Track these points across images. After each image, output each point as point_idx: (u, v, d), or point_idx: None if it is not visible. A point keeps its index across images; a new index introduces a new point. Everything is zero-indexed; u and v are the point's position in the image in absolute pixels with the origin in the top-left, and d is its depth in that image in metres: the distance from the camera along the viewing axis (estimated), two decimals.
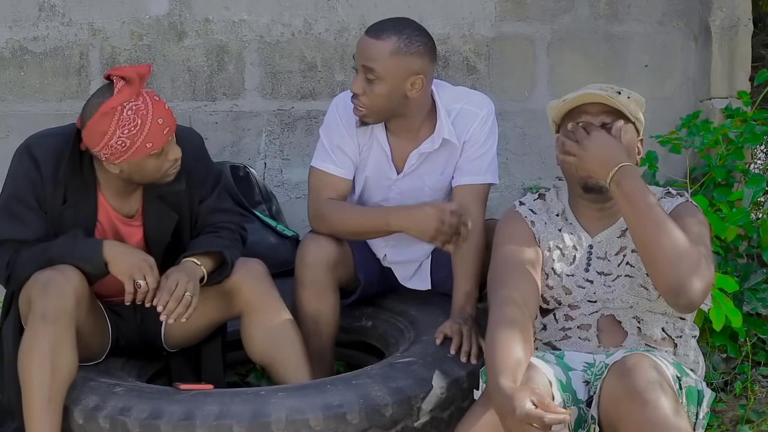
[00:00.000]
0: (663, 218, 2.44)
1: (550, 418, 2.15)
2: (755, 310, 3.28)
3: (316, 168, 3.07)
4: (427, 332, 2.89)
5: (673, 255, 2.39)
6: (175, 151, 2.77)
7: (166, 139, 2.72)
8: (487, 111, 3.05)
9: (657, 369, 2.28)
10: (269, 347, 2.86)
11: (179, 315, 2.72)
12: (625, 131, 2.59)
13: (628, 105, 2.58)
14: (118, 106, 2.65)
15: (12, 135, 3.72)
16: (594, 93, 2.57)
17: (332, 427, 2.52)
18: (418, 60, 2.90)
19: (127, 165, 2.72)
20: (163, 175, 2.78)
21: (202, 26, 3.74)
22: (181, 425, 2.52)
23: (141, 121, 2.67)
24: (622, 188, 2.46)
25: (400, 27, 2.92)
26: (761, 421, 3.07)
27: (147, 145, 2.69)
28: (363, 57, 2.90)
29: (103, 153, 2.70)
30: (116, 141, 2.66)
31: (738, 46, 3.70)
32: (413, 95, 2.93)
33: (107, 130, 2.66)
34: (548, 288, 2.62)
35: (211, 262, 2.86)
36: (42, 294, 2.63)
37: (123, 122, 2.66)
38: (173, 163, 2.78)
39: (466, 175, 3.03)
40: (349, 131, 3.04)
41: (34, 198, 2.77)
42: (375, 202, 3.12)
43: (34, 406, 2.59)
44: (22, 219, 2.76)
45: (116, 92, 2.67)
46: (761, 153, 3.97)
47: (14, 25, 3.71)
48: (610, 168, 2.47)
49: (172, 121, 2.75)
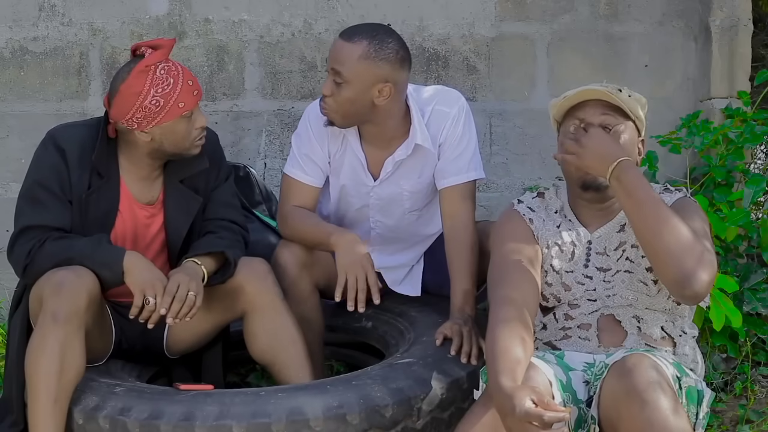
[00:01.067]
0: (665, 211, 2.44)
1: (550, 416, 2.15)
2: (755, 310, 3.27)
3: (287, 174, 3.11)
4: (427, 333, 2.89)
5: (677, 247, 2.40)
6: (201, 118, 2.83)
7: (196, 100, 2.79)
8: (458, 108, 3.03)
9: (657, 369, 2.28)
10: (271, 346, 2.86)
11: (183, 315, 2.73)
12: (625, 129, 2.59)
13: (629, 103, 2.58)
14: (152, 65, 2.73)
15: (12, 135, 3.73)
16: (594, 89, 2.57)
17: (332, 427, 2.52)
18: (387, 67, 2.88)
19: (158, 130, 2.77)
20: (191, 143, 2.83)
21: (202, 26, 3.74)
22: (181, 426, 2.52)
23: (173, 81, 2.74)
24: (622, 183, 2.46)
25: (373, 32, 2.90)
26: (761, 421, 3.07)
27: (179, 104, 2.75)
28: (332, 59, 2.91)
29: (135, 118, 2.75)
30: (150, 101, 2.72)
31: (738, 46, 3.70)
32: (380, 102, 2.91)
33: (141, 89, 2.72)
34: (547, 285, 2.62)
35: (212, 263, 2.86)
36: (55, 294, 2.63)
37: (156, 81, 2.73)
38: (200, 131, 2.83)
39: (449, 176, 3.03)
40: (318, 140, 3.05)
41: (59, 185, 2.79)
42: (355, 209, 3.13)
43: (39, 406, 2.60)
44: (46, 205, 2.78)
45: (148, 56, 2.75)
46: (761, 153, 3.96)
47: (14, 25, 3.71)
48: (609, 163, 2.48)
49: (199, 87, 2.83)
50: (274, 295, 2.88)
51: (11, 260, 2.82)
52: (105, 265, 2.72)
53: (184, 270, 2.80)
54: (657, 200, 2.46)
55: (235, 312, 2.92)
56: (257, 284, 2.87)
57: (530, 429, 2.17)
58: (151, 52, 2.76)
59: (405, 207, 3.11)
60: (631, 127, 2.60)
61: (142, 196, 2.89)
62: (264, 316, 2.86)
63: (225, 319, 2.96)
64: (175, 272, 2.79)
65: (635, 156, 2.61)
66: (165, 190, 2.91)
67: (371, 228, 3.14)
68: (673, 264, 2.41)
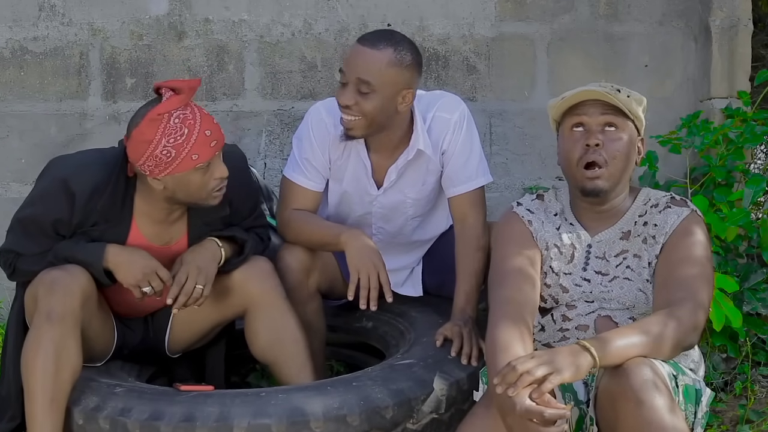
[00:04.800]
0: (649, 344, 2.32)
1: (550, 413, 2.15)
2: (755, 310, 3.27)
3: (287, 178, 3.06)
4: (427, 334, 2.90)
5: (677, 348, 2.38)
6: (221, 169, 2.70)
7: (212, 152, 2.65)
8: (459, 114, 3.00)
9: (652, 368, 2.28)
10: (273, 345, 2.86)
11: (190, 305, 2.74)
12: (625, 129, 2.58)
13: (628, 103, 2.57)
14: (165, 114, 2.60)
15: (12, 135, 3.73)
16: (593, 89, 2.56)
17: (332, 428, 2.52)
18: (410, 73, 2.87)
19: (171, 180, 2.66)
20: (208, 194, 2.71)
21: (202, 26, 3.73)
22: (181, 426, 2.52)
23: (188, 131, 2.61)
24: (607, 363, 2.30)
25: (394, 39, 2.87)
26: (761, 421, 3.07)
27: (193, 156, 2.62)
28: (355, 68, 2.84)
29: (147, 165, 2.63)
30: (161, 150, 2.60)
31: (738, 46, 3.70)
32: (402, 109, 2.90)
33: (152, 138, 2.60)
34: (546, 286, 2.62)
35: (230, 250, 2.86)
36: (48, 293, 2.63)
37: (169, 131, 2.60)
38: (219, 182, 2.70)
39: (458, 184, 3.02)
40: (320, 145, 3.01)
41: (54, 229, 2.73)
42: (357, 215, 3.12)
43: (36, 405, 2.59)
44: (35, 239, 2.74)
45: (164, 100, 2.62)
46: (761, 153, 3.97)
47: (14, 25, 3.71)
48: (586, 370, 2.29)
49: (221, 136, 2.68)
50: (277, 294, 2.87)
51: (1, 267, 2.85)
52: (87, 264, 2.70)
53: (202, 251, 2.79)
54: (639, 344, 2.31)
55: (238, 309, 2.91)
56: (260, 282, 2.86)
57: (531, 427, 2.17)
58: (171, 95, 2.62)
59: (408, 214, 3.10)
60: (631, 127, 2.60)
61: (156, 237, 2.82)
62: (266, 314, 2.85)
63: (227, 316, 2.95)
64: (189, 257, 2.77)
65: (634, 156, 2.61)
66: (189, 232, 2.84)
67: (373, 234, 3.13)
68: (679, 351, 2.42)
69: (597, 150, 2.54)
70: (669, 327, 2.34)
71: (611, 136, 2.56)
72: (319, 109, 3.03)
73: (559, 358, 2.22)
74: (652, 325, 2.34)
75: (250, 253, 2.88)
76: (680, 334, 2.36)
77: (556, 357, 2.22)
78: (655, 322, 2.35)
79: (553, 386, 2.18)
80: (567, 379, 2.21)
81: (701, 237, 2.54)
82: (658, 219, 2.58)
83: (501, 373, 2.20)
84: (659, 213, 2.59)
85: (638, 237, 2.59)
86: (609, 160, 2.54)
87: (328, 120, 2.99)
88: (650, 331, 2.33)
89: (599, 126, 2.56)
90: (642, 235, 2.59)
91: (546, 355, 2.22)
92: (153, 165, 2.63)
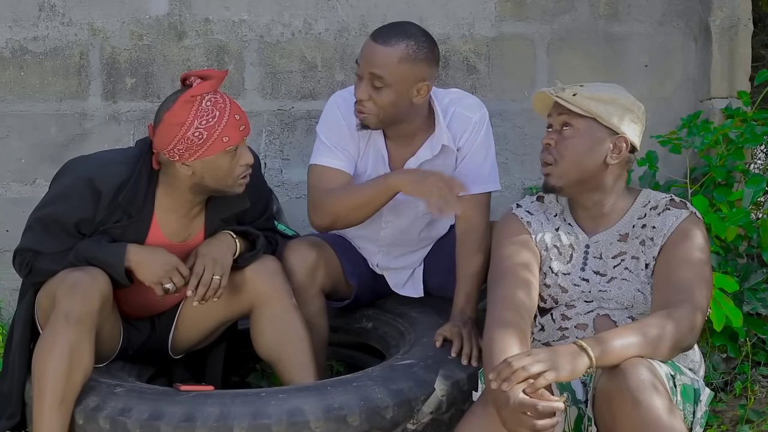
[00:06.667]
0: (646, 345, 2.33)
1: (544, 405, 2.16)
2: (755, 310, 3.28)
3: (316, 164, 3.02)
4: (427, 334, 2.90)
5: (675, 350, 2.39)
6: (247, 156, 2.74)
7: (242, 135, 2.70)
8: (480, 115, 3.02)
9: (649, 368, 2.28)
10: (278, 343, 2.85)
11: (209, 297, 2.75)
12: (578, 128, 2.57)
13: (579, 102, 2.56)
14: (198, 96, 2.65)
15: (12, 135, 3.73)
16: (540, 92, 2.62)
17: (333, 428, 2.52)
18: (425, 65, 2.87)
19: (200, 164, 2.69)
20: (234, 180, 2.74)
21: (202, 26, 3.73)
22: (181, 426, 2.52)
23: (219, 113, 2.65)
24: (605, 363, 2.30)
25: (408, 33, 2.87)
26: (761, 421, 3.08)
27: (224, 138, 2.66)
28: (368, 63, 2.85)
29: (177, 150, 2.66)
30: (193, 132, 2.64)
31: (738, 46, 3.70)
32: (418, 101, 2.91)
33: (185, 120, 2.63)
34: (545, 287, 2.63)
35: (244, 245, 2.87)
36: (68, 294, 2.62)
37: (202, 112, 2.64)
38: (245, 168, 2.74)
39: (468, 184, 2.97)
40: (350, 129, 3.00)
41: (76, 228, 2.74)
42: None
43: (45, 405, 2.59)
44: (56, 237, 2.74)
45: (195, 86, 2.66)
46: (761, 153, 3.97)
47: (14, 25, 3.71)
48: (582, 369, 2.29)
49: (248, 122, 2.73)
50: (283, 292, 2.87)
51: (15, 268, 2.84)
52: (108, 265, 2.70)
53: (217, 244, 2.80)
54: (636, 345, 2.31)
55: (245, 306, 2.90)
56: (269, 280, 2.86)
57: (525, 420, 2.17)
58: (200, 82, 2.66)
59: (420, 209, 3.09)
60: (591, 126, 2.58)
61: (175, 234, 2.83)
62: (272, 312, 2.85)
63: (234, 313, 2.95)
64: (204, 250, 2.78)
65: (598, 154, 2.58)
66: (206, 228, 2.86)
67: (381, 228, 3.12)
68: (677, 353, 2.42)
69: (548, 149, 2.60)
70: (667, 328, 2.35)
71: (564, 135, 2.59)
72: (343, 95, 3.04)
73: (556, 356, 2.23)
74: (649, 326, 2.34)
75: (261, 249, 2.88)
76: (678, 336, 2.36)
77: (552, 355, 2.23)
78: (653, 323, 2.36)
79: (548, 383, 2.19)
80: (562, 378, 2.21)
81: (700, 239, 2.54)
82: (657, 221, 2.59)
83: (497, 369, 2.21)
84: (658, 215, 2.60)
85: (636, 239, 2.60)
86: (558, 159, 2.58)
87: (351, 107, 2.98)
88: (648, 332, 2.33)
89: (559, 126, 2.60)
90: (640, 238, 2.59)
91: (542, 353, 2.23)
92: (184, 148, 2.66)
